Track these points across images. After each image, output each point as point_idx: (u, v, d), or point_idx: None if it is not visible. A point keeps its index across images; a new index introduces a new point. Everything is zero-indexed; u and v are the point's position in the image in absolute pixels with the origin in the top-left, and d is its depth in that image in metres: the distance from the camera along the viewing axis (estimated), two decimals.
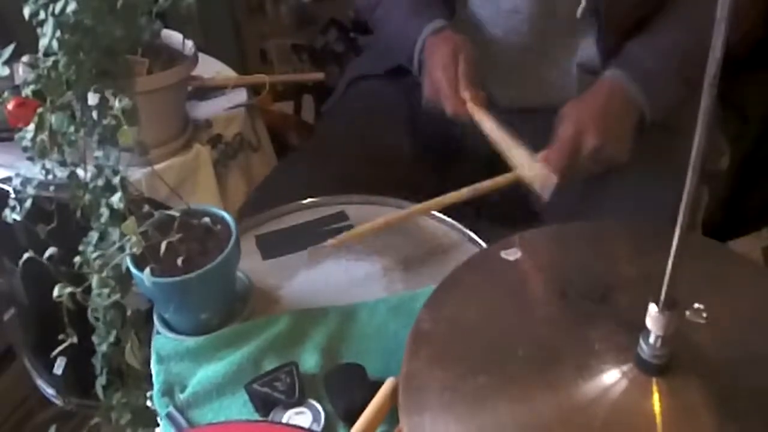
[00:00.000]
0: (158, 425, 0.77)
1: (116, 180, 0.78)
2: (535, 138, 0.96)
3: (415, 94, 1.11)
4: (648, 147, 0.99)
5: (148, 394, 0.84)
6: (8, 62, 0.83)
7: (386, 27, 1.18)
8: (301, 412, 0.71)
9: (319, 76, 1.56)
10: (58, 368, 1.26)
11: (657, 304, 0.53)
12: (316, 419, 0.71)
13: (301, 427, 0.69)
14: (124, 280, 0.81)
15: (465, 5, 1.13)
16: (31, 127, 0.77)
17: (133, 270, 0.75)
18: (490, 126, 0.99)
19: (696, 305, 0.58)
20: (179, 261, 0.75)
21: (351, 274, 0.88)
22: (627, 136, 0.98)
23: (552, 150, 0.94)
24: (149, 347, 0.82)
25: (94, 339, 0.87)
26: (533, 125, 1.07)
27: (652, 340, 0.55)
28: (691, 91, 0.82)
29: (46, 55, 0.74)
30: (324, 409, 0.71)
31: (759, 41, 1.50)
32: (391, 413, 0.67)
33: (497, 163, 1.19)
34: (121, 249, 0.75)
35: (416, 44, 1.09)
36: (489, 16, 1.12)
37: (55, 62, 0.74)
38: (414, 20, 1.11)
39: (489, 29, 1.12)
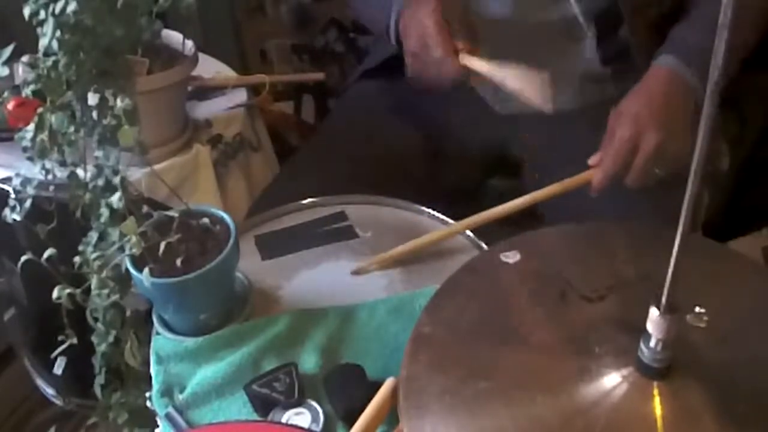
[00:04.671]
0: (157, 425, 0.77)
1: (116, 180, 0.78)
2: (536, 143, 0.96)
3: (417, 92, 1.11)
4: None
5: (148, 394, 0.83)
6: (8, 62, 0.83)
7: (360, 6, 1.15)
8: (300, 413, 0.71)
9: (319, 76, 1.56)
10: (58, 368, 1.26)
11: (658, 308, 0.53)
12: (315, 420, 0.71)
13: (301, 428, 0.69)
14: (123, 280, 0.81)
15: None
16: (31, 127, 0.77)
17: (132, 270, 0.75)
18: (488, 67, 0.92)
19: (697, 309, 0.58)
20: (178, 261, 0.75)
21: (350, 275, 0.88)
22: (688, 126, 0.90)
23: (607, 152, 0.89)
24: (149, 347, 0.82)
25: (94, 339, 0.87)
26: (532, 130, 1.07)
27: (652, 343, 0.55)
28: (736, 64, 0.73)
29: (46, 55, 0.74)
30: (323, 410, 0.71)
31: (758, 42, 1.50)
32: (390, 414, 0.67)
33: (500, 162, 1.19)
34: (121, 249, 0.75)
35: (392, 10, 1.02)
36: (479, 25, 1.11)
37: (55, 62, 0.74)
38: None
39: (480, 39, 1.12)
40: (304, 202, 0.99)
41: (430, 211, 0.96)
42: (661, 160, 0.87)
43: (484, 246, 0.89)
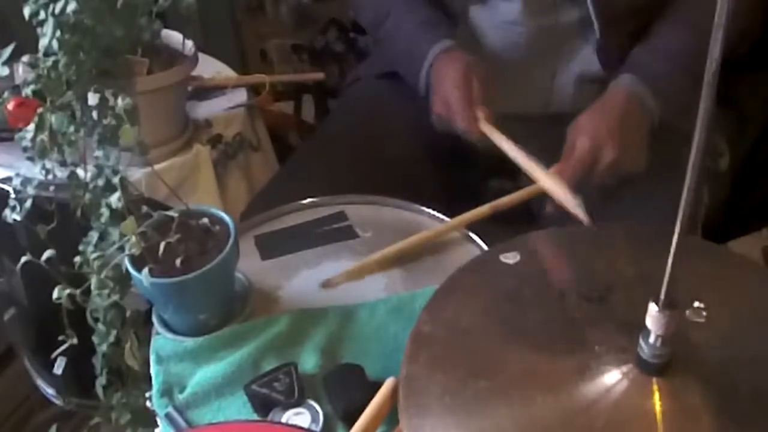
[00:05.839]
0: (157, 425, 0.77)
1: (116, 180, 0.78)
2: (534, 143, 0.96)
3: (417, 94, 1.11)
4: (652, 151, 0.98)
5: (148, 394, 0.84)
6: (8, 62, 0.84)
7: (392, 46, 1.17)
8: (300, 413, 0.71)
9: (319, 76, 1.56)
10: (58, 368, 1.26)
11: (657, 303, 0.53)
12: (315, 420, 0.71)
13: (301, 428, 0.69)
14: (123, 280, 0.81)
15: (465, 18, 1.13)
16: (31, 127, 0.77)
17: (132, 270, 0.75)
18: (505, 144, 0.97)
19: (696, 304, 0.58)
20: (178, 261, 0.75)
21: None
22: (643, 146, 0.96)
23: (567, 163, 0.92)
24: (149, 348, 0.82)
25: (94, 339, 0.87)
26: (532, 131, 1.08)
27: (652, 339, 0.55)
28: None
29: (46, 55, 0.74)
30: (323, 410, 0.71)
31: (758, 41, 1.50)
32: (390, 414, 0.67)
33: (500, 162, 1.19)
34: (121, 249, 0.75)
35: (423, 65, 1.07)
36: (488, 28, 1.11)
37: (55, 62, 0.74)
38: (421, 40, 1.09)
39: (488, 40, 1.12)
40: (304, 202, 0.99)
41: (430, 211, 0.96)
42: (615, 174, 0.93)
43: (485, 246, 0.89)
